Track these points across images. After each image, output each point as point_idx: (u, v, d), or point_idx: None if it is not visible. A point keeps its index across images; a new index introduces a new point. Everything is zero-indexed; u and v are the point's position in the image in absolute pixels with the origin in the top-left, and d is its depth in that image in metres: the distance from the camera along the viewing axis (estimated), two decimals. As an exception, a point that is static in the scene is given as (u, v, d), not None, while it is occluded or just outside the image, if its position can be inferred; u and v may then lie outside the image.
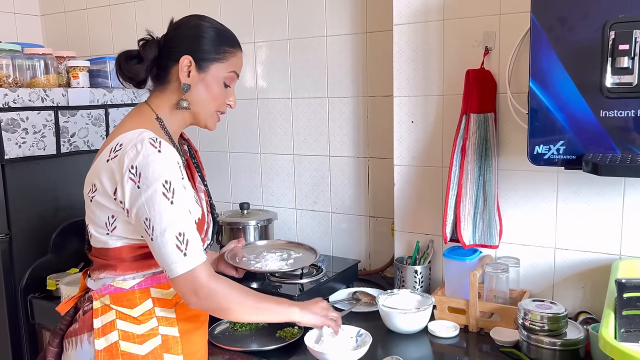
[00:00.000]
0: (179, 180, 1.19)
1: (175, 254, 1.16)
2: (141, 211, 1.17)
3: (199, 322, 1.37)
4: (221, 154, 2.52)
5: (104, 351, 1.23)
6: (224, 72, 1.33)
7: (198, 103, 1.33)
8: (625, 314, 1.20)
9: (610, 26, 1.30)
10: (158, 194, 1.16)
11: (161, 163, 1.17)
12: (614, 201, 1.59)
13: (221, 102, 1.37)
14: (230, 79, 1.36)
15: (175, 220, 1.17)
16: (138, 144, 1.18)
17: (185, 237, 1.17)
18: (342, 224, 2.25)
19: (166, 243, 1.16)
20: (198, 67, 1.30)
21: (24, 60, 2.18)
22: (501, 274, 1.63)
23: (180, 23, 1.35)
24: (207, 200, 1.44)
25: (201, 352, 1.40)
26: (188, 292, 1.19)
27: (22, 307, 2.10)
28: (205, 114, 1.36)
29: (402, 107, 1.87)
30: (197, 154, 1.51)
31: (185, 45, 1.30)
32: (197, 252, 1.19)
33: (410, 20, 1.81)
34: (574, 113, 1.37)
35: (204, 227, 1.36)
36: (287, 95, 2.29)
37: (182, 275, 1.17)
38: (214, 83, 1.33)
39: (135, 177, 1.16)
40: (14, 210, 2.07)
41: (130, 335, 1.24)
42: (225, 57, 1.33)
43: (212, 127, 1.40)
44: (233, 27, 1.39)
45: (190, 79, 1.30)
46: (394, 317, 1.60)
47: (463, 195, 1.67)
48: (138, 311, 1.26)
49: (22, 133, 2.04)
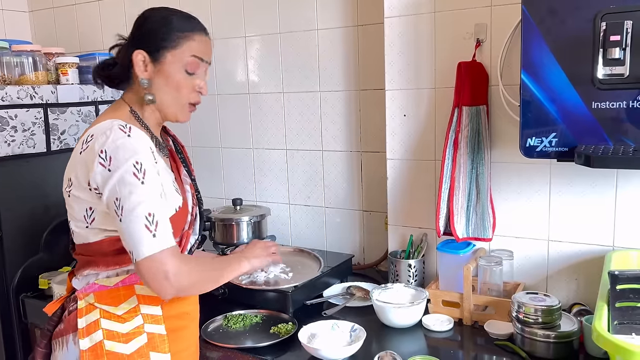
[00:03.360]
0: (150, 163, 1.18)
1: (144, 234, 1.12)
2: (112, 192, 1.15)
3: (187, 320, 1.36)
4: (213, 149, 2.50)
5: (88, 351, 1.22)
6: (182, 59, 1.29)
7: (161, 95, 1.30)
8: (619, 305, 1.20)
9: (602, 17, 1.29)
10: (129, 173, 1.14)
11: (131, 145, 1.16)
12: (607, 193, 1.59)
13: (188, 91, 1.31)
14: (192, 65, 1.30)
15: (145, 199, 1.14)
16: (107, 131, 1.18)
17: (155, 218, 1.13)
18: (336, 218, 2.25)
19: (134, 222, 1.12)
20: (153, 59, 1.28)
21: (12, 57, 2.16)
22: (495, 266, 1.63)
23: (137, 18, 1.34)
24: (194, 193, 1.43)
25: (191, 350, 1.39)
26: (159, 277, 1.12)
27: (15, 307, 2.09)
28: (172, 105, 1.32)
29: (394, 101, 1.86)
30: (183, 149, 1.50)
31: (138, 40, 1.29)
32: (167, 235, 1.15)
33: (401, 13, 1.80)
34: (565, 105, 1.37)
35: (188, 219, 1.35)
36: (279, 90, 2.28)
37: (150, 257, 1.12)
38: (172, 72, 1.28)
39: (105, 161, 1.15)
40: (4, 209, 2.05)
41: (115, 334, 1.23)
42: (179, 43, 1.28)
43: (183, 119, 1.35)
44: (223, 22, 1.38)
45: (148, 73, 1.28)
46: (388, 311, 1.60)
47: (456, 189, 1.67)
48: (122, 309, 1.24)
49: (11, 131, 2.02)
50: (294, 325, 1.61)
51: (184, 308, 1.34)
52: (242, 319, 1.69)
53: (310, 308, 1.76)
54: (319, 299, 1.81)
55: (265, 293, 1.75)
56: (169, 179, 1.30)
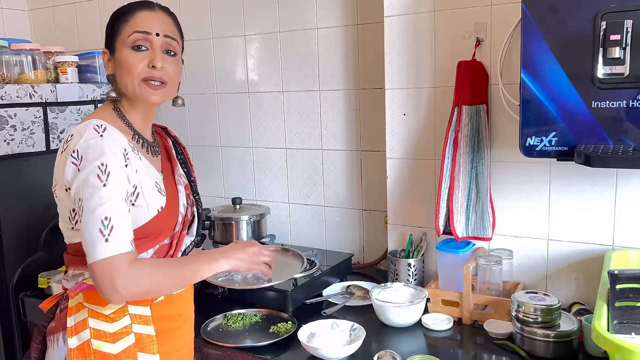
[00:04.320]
0: (117, 165, 1.17)
1: (97, 238, 1.11)
2: (77, 192, 1.15)
3: (179, 321, 1.35)
4: (213, 148, 2.50)
5: (76, 349, 1.22)
6: (125, 39, 1.27)
7: (120, 84, 1.30)
8: (618, 305, 1.20)
9: (602, 16, 1.29)
10: (92, 175, 1.14)
11: (100, 146, 1.16)
12: (607, 192, 1.59)
13: (137, 68, 1.27)
14: (136, 41, 1.27)
15: (104, 202, 1.13)
16: (82, 130, 1.19)
17: (111, 222, 1.12)
18: (336, 217, 2.25)
19: (91, 223, 1.12)
20: (111, 54, 1.31)
21: (11, 56, 2.16)
22: (494, 266, 1.63)
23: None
24: (189, 194, 1.41)
25: (184, 351, 1.38)
26: (105, 282, 1.10)
27: (14, 306, 2.09)
28: (129, 89, 1.28)
29: (393, 100, 1.86)
30: (184, 150, 1.49)
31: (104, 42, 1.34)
32: (121, 240, 1.12)
33: (401, 12, 1.80)
34: (565, 104, 1.37)
35: (178, 220, 1.33)
36: (279, 89, 2.28)
37: (99, 262, 1.10)
38: (122, 56, 1.28)
39: (76, 160, 1.16)
40: (4, 208, 2.05)
41: (102, 334, 1.22)
42: (122, 27, 1.29)
43: (150, 97, 1.28)
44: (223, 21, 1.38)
45: (111, 68, 1.31)
46: (387, 310, 1.60)
47: (456, 188, 1.67)
48: (110, 309, 1.24)
49: (10, 130, 2.02)
50: (294, 325, 1.61)
51: (175, 309, 1.33)
52: (241, 318, 1.69)
53: (309, 307, 1.76)
54: (318, 298, 1.81)
55: (265, 292, 1.74)
56: (151, 179, 1.28)
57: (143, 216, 1.24)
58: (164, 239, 1.30)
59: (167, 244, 1.32)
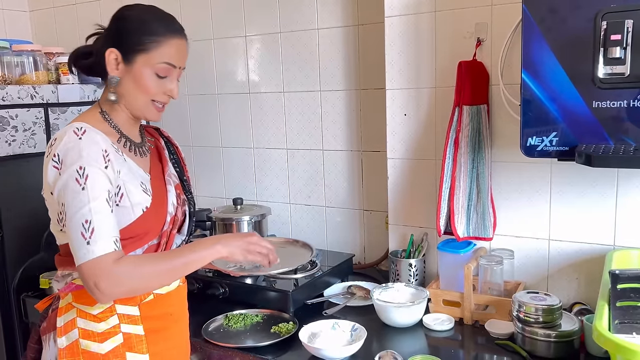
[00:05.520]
0: (96, 168, 1.16)
1: (79, 241, 1.12)
2: (59, 196, 1.16)
3: (170, 321, 1.34)
4: (214, 149, 2.50)
5: (65, 349, 1.23)
6: (153, 64, 1.27)
7: (127, 96, 1.29)
8: (620, 305, 1.20)
9: (602, 16, 1.29)
10: (71, 178, 1.14)
11: (79, 150, 1.16)
12: (608, 192, 1.59)
13: (155, 93, 1.30)
14: (163, 70, 1.28)
15: (83, 206, 1.13)
16: (63, 134, 1.19)
17: (92, 225, 1.12)
18: (337, 217, 2.25)
19: (73, 228, 1.13)
20: (125, 60, 1.27)
21: (12, 57, 2.16)
22: (495, 266, 1.63)
23: (115, 14, 1.33)
24: (180, 193, 1.41)
25: (176, 351, 1.37)
26: (90, 284, 1.11)
27: (15, 306, 2.09)
28: (137, 105, 1.30)
29: (394, 100, 1.86)
30: (177, 149, 1.49)
31: (113, 38, 1.29)
32: (102, 242, 1.13)
33: (401, 12, 1.80)
34: (566, 104, 1.37)
35: (167, 219, 1.32)
36: (279, 89, 2.28)
37: (84, 264, 1.11)
38: (143, 75, 1.27)
39: (58, 164, 1.17)
40: (5, 208, 2.06)
41: (90, 334, 1.23)
42: (152, 48, 1.26)
43: (152, 117, 1.33)
44: (223, 21, 1.37)
45: (119, 71, 1.28)
46: (388, 310, 1.60)
47: (456, 188, 1.67)
48: (97, 308, 1.24)
49: (11, 131, 2.02)
50: (295, 325, 1.61)
51: (166, 309, 1.33)
52: (242, 319, 1.69)
53: (310, 307, 1.76)
54: (319, 299, 1.81)
55: (266, 292, 1.75)
56: (136, 180, 1.27)
57: (128, 216, 1.24)
58: (152, 238, 1.30)
59: (156, 243, 1.31)
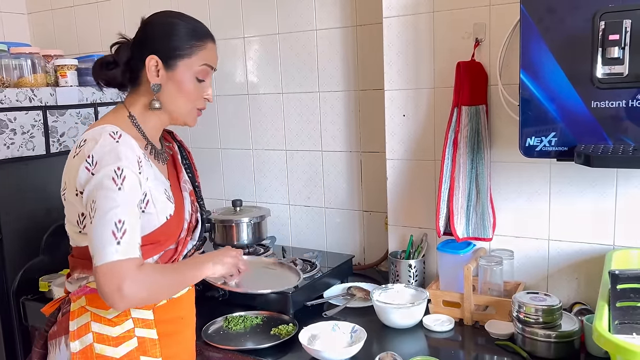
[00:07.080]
0: (132, 172, 1.17)
1: (109, 239, 1.10)
2: (90, 194, 1.14)
3: (181, 325, 1.35)
4: (213, 150, 2.50)
5: (79, 354, 1.22)
6: (194, 67, 1.30)
7: (171, 102, 1.31)
8: (619, 305, 1.20)
9: (600, 16, 1.29)
10: (107, 178, 1.14)
11: (117, 153, 1.16)
12: (607, 192, 1.58)
13: (196, 98, 1.34)
14: (203, 73, 1.32)
15: (119, 205, 1.12)
16: (97, 136, 1.19)
17: (124, 226, 1.12)
18: (336, 218, 2.25)
19: (103, 225, 1.11)
20: (166, 66, 1.28)
21: (10, 60, 2.16)
22: (495, 266, 1.63)
23: (147, 22, 1.34)
24: (194, 200, 1.42)
25: (186, 354, 1.39)
26: (112, 286, 1.08)
27: (15, 310, 2.09)
28: (181, 111, 1.34)
29: (393, 101, 1.86)
30: (189, 155, 1.50)
31: (150, 45, 1.29)
32: (132, 246, 1.12)
33: (399, 13, 1.80)
34: (565, 104, 1.37)
35: (184, 226, 1.34)
36: (278, 90, 2.28)
37: (109, 264, 1.08)
38: (185, 80, 1.30)
39: (90, 165, 1.16)
40: (4, 211, 2.05)
41: (105, 338, 1.22)
42: (193, 52, 1.30)
43: (191, 123, 1.38)
44: (222, 23, 1.38)
45: (160, 78, 1.28)
46: (388, 312, 1.60)
47: (456, 189, 1.67)
48: (112, 312, 1.24)
49: (10, 134, 2.02)
50: (295, 327, 1.61)
51: (178, 312, 1.33)
52: (242, 321, 1.69)
53: (310, 309, 1.76)
54: (319, 300, 1.81)
55: (265, 294, 1.74)
56: (161, 187, 1.29)
57: (152, 223, 1.24)
58: (170, 244, 1.31)
59: (173, 249, 1.32)
